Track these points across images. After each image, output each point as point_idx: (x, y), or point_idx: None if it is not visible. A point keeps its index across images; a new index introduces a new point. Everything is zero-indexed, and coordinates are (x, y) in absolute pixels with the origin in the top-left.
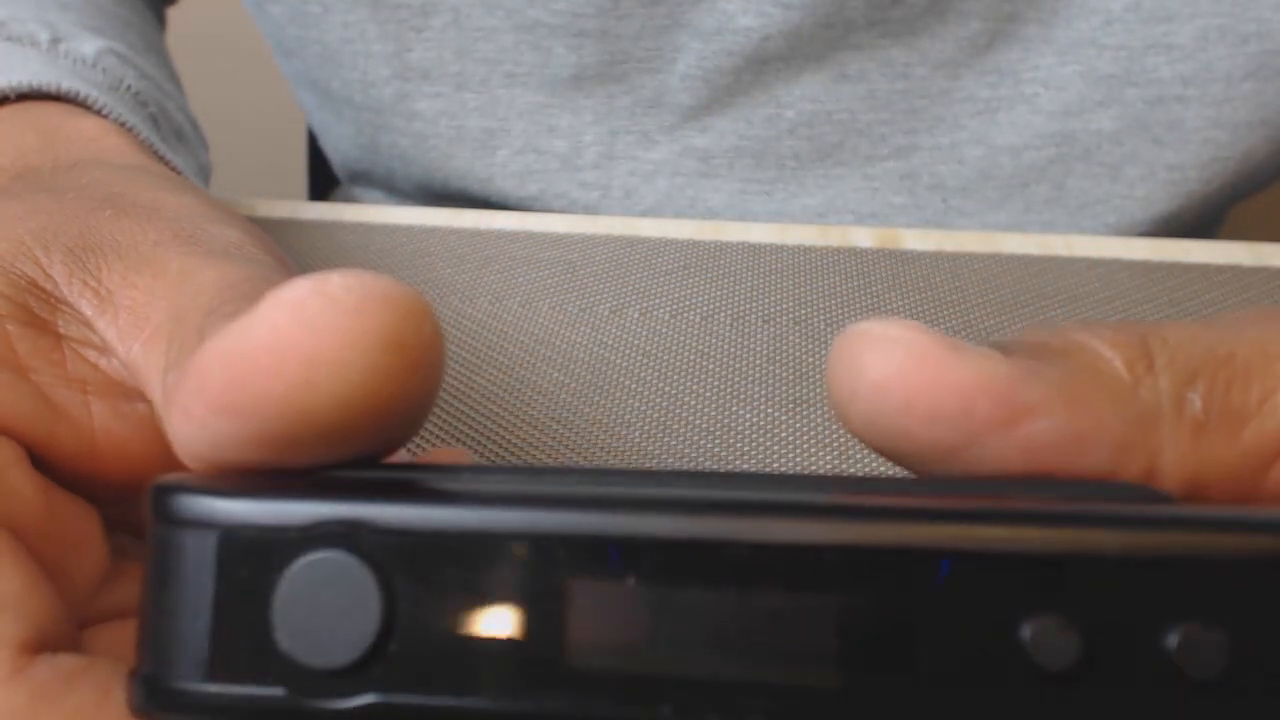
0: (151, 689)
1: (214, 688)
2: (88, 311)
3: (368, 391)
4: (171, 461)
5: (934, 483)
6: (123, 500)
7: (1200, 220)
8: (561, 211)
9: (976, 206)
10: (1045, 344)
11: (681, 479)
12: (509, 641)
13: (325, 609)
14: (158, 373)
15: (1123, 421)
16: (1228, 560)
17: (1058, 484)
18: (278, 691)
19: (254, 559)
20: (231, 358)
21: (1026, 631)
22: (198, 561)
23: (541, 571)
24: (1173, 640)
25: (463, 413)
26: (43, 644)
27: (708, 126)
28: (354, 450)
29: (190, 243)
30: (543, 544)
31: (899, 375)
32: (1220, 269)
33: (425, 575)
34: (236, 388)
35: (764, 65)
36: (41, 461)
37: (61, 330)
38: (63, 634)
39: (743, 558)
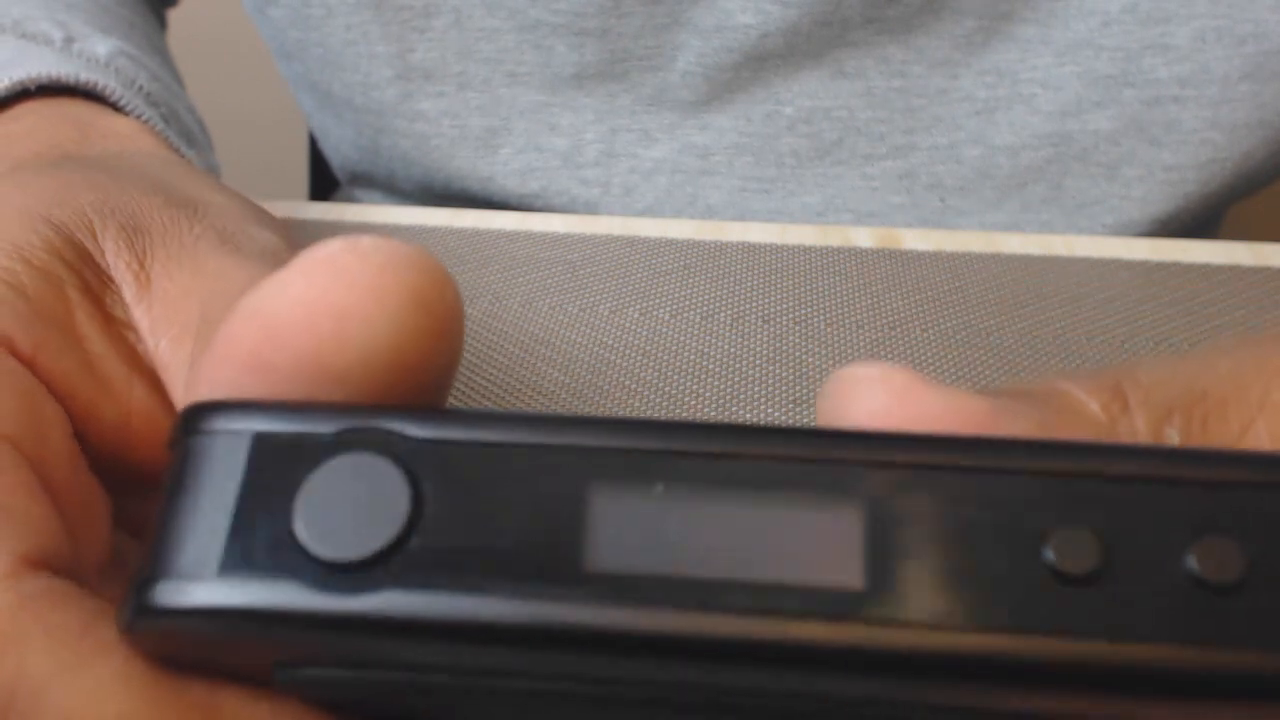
0: (150, 592)
1: (221, 584)
2: (128, 295)
3: (395, 349)
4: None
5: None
6: (135, 491)
7: (1198, 221)
8: (562, 209)
9: (974, 206)
10: (1024, 390)
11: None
12: (535, 545)
13: (349, 506)
14: (182, 371)
15: None
16: (1240, 484)
17: None
18: (291, 585)
19: (283, 460)
20: (263, 315)
21: (1051, 543)
22: (225, 466)
23: (563, 479)
24: (1191, 553)
25: None
26: (46, 565)
27: (707, 124)
28: None
29: (230, 242)
30: (567, 453)
31: (882, 412)
32: (1220, 269)
33: (455, 479)
34: (267, 344)
35: (763, 62)
36: (79, 433)
37: (109, 307)
38: (66, 567)
39: (773, 471)
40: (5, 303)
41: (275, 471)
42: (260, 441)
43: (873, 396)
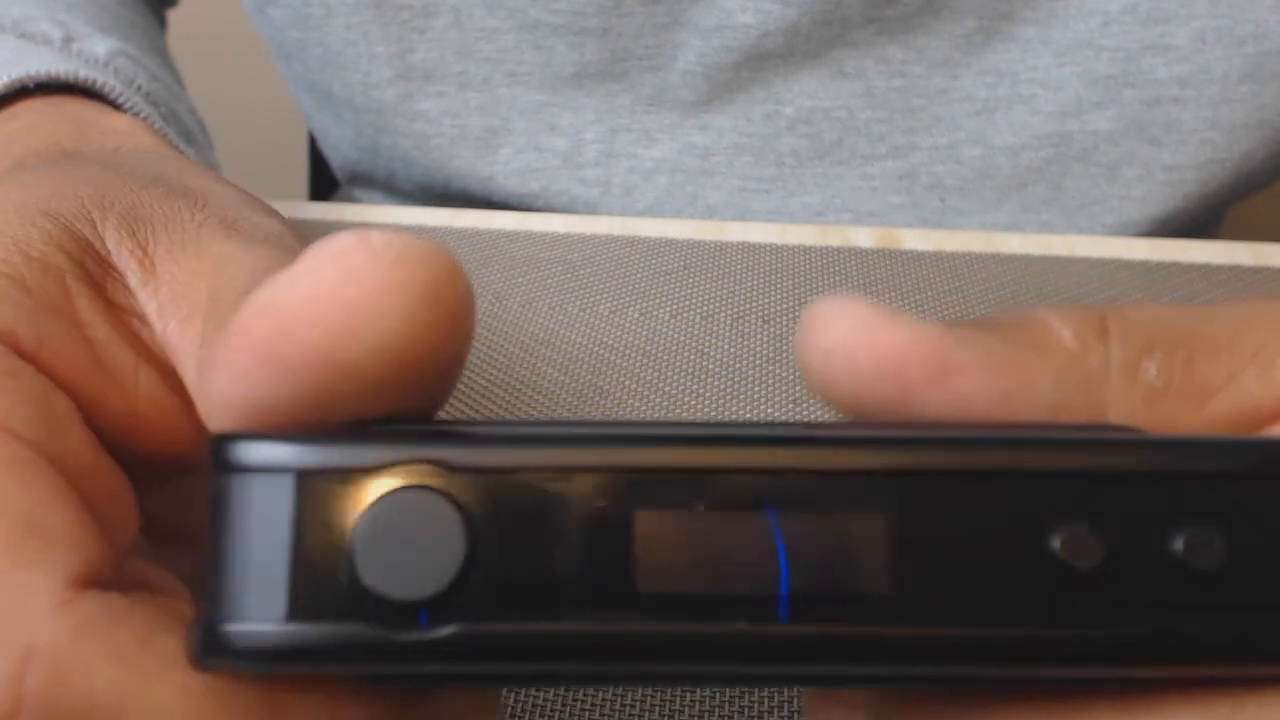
0: (220, 634)
1: (292, 627)
2: (132, 281)
3: (406, 341)
4: (204, 440)
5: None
6: (145, 480)
7: (1197, 221)
8: (562, 209)
9: (974, 206)
10: (994, 320)
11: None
12: (587, 569)
13: (408, 544)
14: (192, 351)
15: (1057, 384)
16: (1222, 473)
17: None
18: (362, 625)
19: (333, 500)
20: (275, 308)
21: (1057, 539)
22: (273, 506)
23: (616, 501)
24: (1178, 541)
25: (462, 413)
26: (93, 581)
27: (707, 124)
28: (389, 407)
29: (233, 228)
30: (617, 476)
31: (845, 342)
32: (1220, 269)
33: (506, 509)
34: (279, 337)
35: (763, 62)
36: (86, 422)
37: (110, 294)
38: (110, 577)
39: (801, 485)
40: (6, 296)
41: (326, 511)
42: (305, 481)
43: (836, 328)
